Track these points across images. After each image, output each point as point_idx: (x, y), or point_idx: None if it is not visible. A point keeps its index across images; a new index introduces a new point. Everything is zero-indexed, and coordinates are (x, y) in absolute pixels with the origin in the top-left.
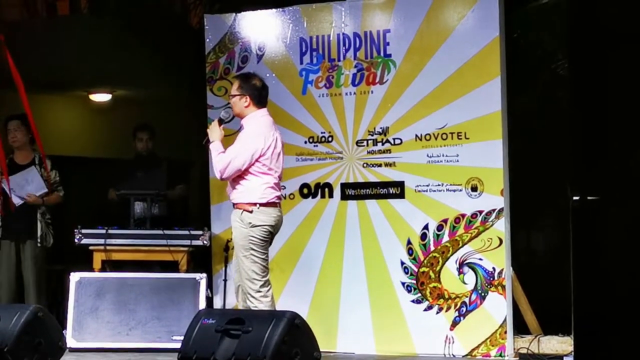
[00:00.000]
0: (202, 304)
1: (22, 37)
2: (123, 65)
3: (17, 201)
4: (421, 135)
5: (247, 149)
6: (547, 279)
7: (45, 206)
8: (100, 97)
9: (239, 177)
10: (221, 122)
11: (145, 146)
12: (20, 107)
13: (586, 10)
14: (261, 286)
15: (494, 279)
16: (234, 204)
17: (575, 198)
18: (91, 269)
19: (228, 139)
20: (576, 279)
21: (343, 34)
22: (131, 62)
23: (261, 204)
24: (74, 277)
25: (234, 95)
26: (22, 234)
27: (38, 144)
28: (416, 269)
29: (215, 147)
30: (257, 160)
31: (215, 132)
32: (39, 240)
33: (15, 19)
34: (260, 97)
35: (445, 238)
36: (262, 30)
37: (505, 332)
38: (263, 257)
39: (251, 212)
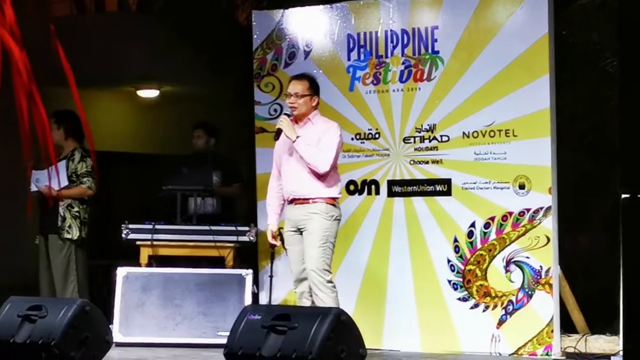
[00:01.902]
0: (248, 300)
1: (70, 33)
2: (170, 61)
3: (32, 188)
4: (469, 132)
5: (339, 146)
6: (594, 278)
7: (74, 199)
8: (148, 93)
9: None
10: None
11: (196, 143)
12: (68, 102)
13: (638, 6)
14: (332, 278)
15: (541, 277)
16: (307, 199)
17: (625, 196)
18: (138, 264)
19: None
20: (626, 277)
21: (391, 30)
22: (178, 58)
23: (337, 199)
24: (121, 272)
25: (305, 95)
26: (46, 227)
27: (89, 139)
28: (463, 267)
29: (303, 142)
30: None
31: (291, 127)
32: (60, 233)
33: (63, 15)
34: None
35: (492, 236)
36: (309, 26)
37: (552, 331)
38: (333, 250)
39: (334, 205)
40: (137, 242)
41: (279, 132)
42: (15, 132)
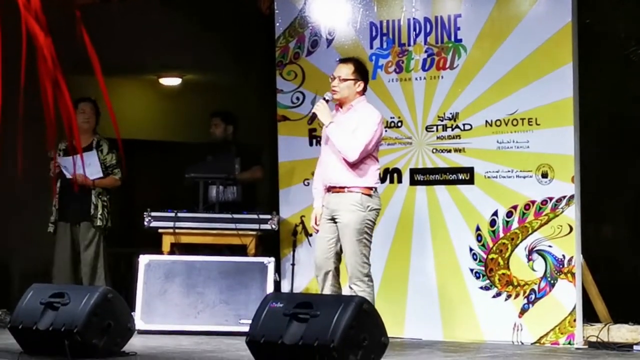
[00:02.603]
0: (270, 288)
1: (93, 21)
2: (193, 49)
3: (67, 175)
4: (491, 121)
5: (377, 135)
6: (617, 267)
7: (102, 188)
8: (170, 82)
9: (359, 161)
10: (327, 103)
11: (213, 132)
12: (89, 91)
13: None
14: (369, 271)
15: (563, 266)
16: (342, 187)
17: None
18: (160, 252)
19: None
20: None
21: (413, 18)
22: (201, 46)
23: (374, 189)
24: (143, 259)
25: (348, 79)
26: (77, 215)
27: (114, 127)
28: (485, 256)
29: (337, 128)
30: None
31: (326, 113)
32: (93, 221)
33: (87, 3)
34: (367, 84)
35: (515, 225)
36: (332, 14)
37: (575, 320)
38: (371, 240)
39: (370, 196)
40: (160, 230)
41: (313, 117)
42: (37, 118)
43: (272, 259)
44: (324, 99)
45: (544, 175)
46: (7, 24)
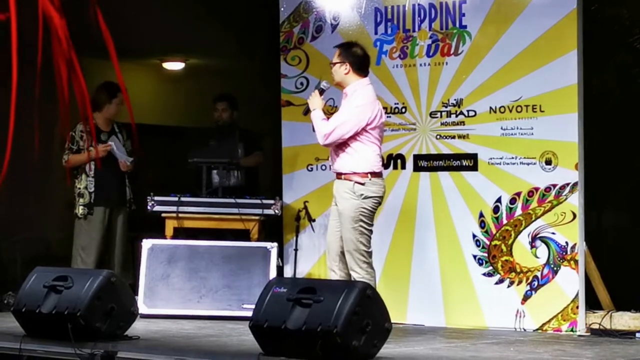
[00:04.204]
0: (273, 273)
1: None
2: (197, 33)
3: (119, 159)
4: (495, 107)
5: (353, 117)
6: (620, 254)
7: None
8: (174, 66)
9: (348, 146)
10: (322, 92)
11: (220, 116)
12: (102, 73)
13: None
14: (368, 257)
15: (566, 253)
16: (340, 174)
17: None
18: (163, 236)
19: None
20: None
21: (418, 4)
22: (205, 31)
23: (372, 174)
24: (146, 244)
25: (335, 63)
26: (116, 200)
27: (129, 112)
28: (488, 242)
29: (317, 114)
30: (364, 130)
31: (316, 101)
32: (130, 205)
33: None
34: (360, 65)
35: (518, 211)
36: None
37: (577, 307)
38: (371, 228)
39: (363, 184)
40: (163, 214)
41: (307, 108)
42: (50, 100)
43: (275, 244)
44: (320, 88)
45: (548, 162)
46: (22, 6)
